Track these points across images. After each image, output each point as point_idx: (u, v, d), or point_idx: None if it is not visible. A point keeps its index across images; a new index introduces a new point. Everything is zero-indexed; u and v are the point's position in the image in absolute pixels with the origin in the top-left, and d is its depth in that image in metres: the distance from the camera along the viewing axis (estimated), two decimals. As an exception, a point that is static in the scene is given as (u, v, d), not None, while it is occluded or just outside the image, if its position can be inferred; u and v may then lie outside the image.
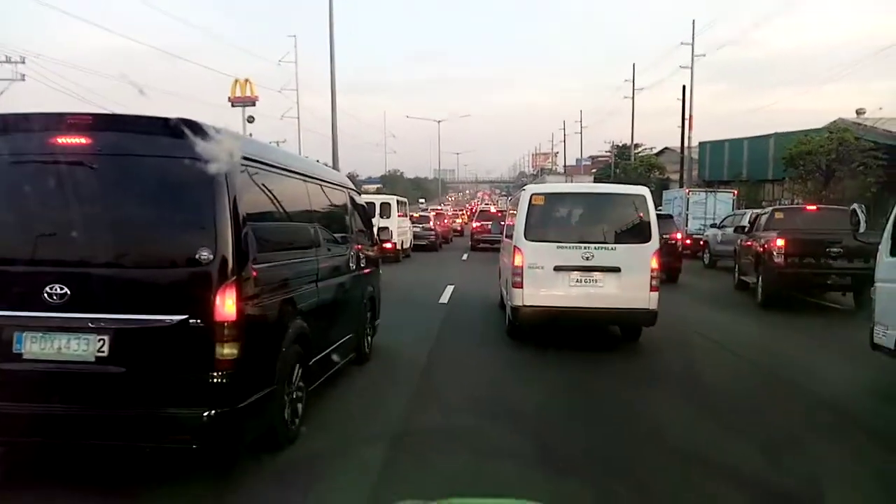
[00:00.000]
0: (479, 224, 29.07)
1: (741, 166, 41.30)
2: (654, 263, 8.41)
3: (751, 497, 4.35)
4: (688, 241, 22.37)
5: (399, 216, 22.35)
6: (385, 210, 21.27)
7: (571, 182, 30.62)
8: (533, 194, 8.82)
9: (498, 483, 4.19)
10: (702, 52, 44.26)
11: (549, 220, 8.75)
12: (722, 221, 22.87)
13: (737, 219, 20.99)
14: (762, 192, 39.37)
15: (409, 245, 24.08)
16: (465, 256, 24.68)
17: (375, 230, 9.39)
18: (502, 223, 13.12)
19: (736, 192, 32.10)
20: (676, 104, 40.86)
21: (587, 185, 12.87)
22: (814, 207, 12.42)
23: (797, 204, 31.53)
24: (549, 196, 9.05)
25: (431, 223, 28.26)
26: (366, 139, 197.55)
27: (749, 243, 13.97)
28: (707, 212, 28.81)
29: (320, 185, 6.39)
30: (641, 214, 8.59)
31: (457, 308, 11.91)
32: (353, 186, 8.26)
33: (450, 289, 13.70)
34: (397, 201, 22.14)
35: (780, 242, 12.02)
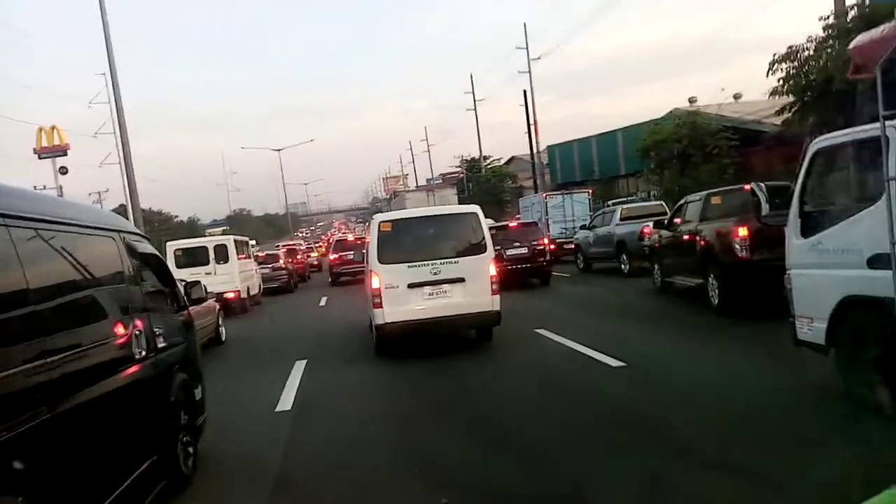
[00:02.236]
0: (336, 256, 25.86)
1: (592, 165, 41.25)
2: (493, 270, 9.52)
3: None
4: (552, 247, 21.07)
5: (241, 258, 18.98)
6: (220, 253, 17.84)
7: (434, 197, 28.62)
8: (381, 222, 9.67)
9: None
10: (536, 56, 43.92)
11: (397, 244, 9.45)
12: (591, 222, 21.85)
13: (606, 217, 20.16)
14: (616, 188, 39.33)
15: (257, 290, 20.68)
16: (323, 300, 19.58)
17: (184, 287, 6.52)
18: (363, 251, 13.64)
19: (591, 191, 31.91)
20: (516, 114, 40.79)
21: (426, 209, 13.39)
22: (748, 186, 10.48)
23: (648, 193, 31.65)
24: (395, 222, 9.77)
25: (281, 261, 24.82)
26: (208, 180, 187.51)
27: (687, 237, 11.63)
28: (566, 214, 28.52)
29: (56, 233, 3.59)
30: (476, 230, 9.66)
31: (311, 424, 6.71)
32: (134, 230, 5.29)
33: (297, 372, 8.79)
34: (235, 241, 18.78)
35: (744, 232, 9.69)
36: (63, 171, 50.18)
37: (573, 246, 21.84)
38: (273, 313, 18.36)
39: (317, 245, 59.48)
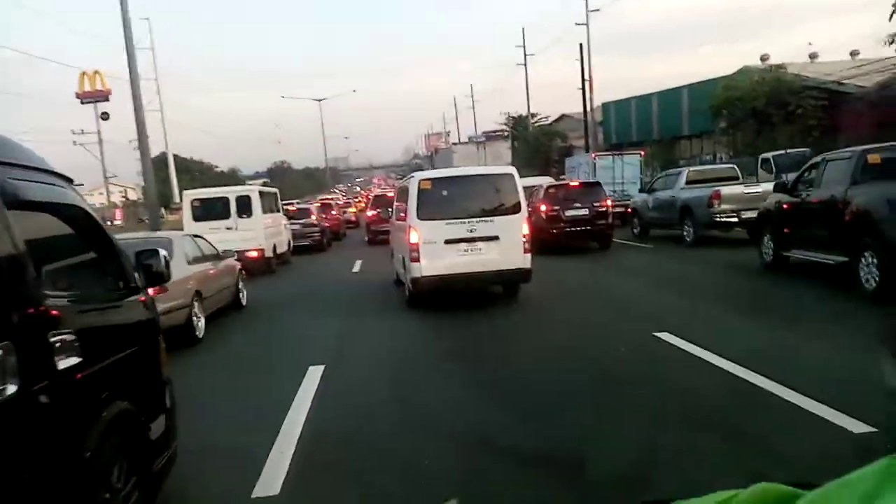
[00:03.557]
0: (375, 212, 23.74)
1: (651, 124, 38.32)
2: (525, 230, 9.88)
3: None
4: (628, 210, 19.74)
5: (270, 212, 17.00)
6: (243, 206, 15.74)
7: (485, 151, 26.42)
8: (421, 180, 10.08)
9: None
10: (595, 7, 40.51)
11: (436, 202, 9.83)
12: (651, 184, 19.87)
13: (670, 180, 18.22)
14: (678, 149, 36.44)
15: (286, 248, 18.56)
16: (357, 265, 16.80)
17: (136, 258, 4.33)
18: (390, 208, 14.99)
19: (643, 152, 29.62)
20: (566, 74, 37.87)
21: (465, 169, 13.71)
22: None
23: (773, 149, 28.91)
24: (434, 180, 10.27)
25: (314, 217, 22.57)
26: (252, 133, 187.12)
27: (825, 205, 9.40)
28: (615, 176, 26.27)
29: None
30: (511, 190, 9.98)
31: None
32: (36, 165, 3.12)
33: (314, 378, 6.32)
34: (261, 193, 16.69)
35: None
36: (105, 116, 49.23)
37: (628, 210, 19.93)
38: (296, 277, 16.08)
39: (355, 200, 57.68)
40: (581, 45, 39.14)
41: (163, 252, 4.20)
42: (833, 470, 0.67)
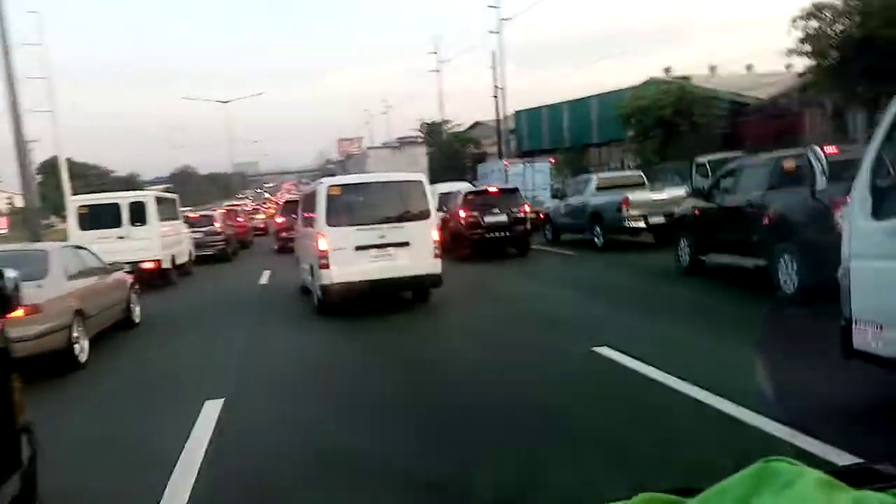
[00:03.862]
0: (284, 219, 22.18)
1: (562, 132, 38.84)
2: (435, 236, 10.00)
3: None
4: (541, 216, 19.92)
5: (168, 219, 15.82)
6: (136, 213, 14.49)
7: (402, 154, 25.97)
8: (330, 186, 10.02)
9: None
10: (507, 17, 40.73)
11: (345, 207, 9.80)
12: (562, 191, 20.08)
13: (580, 186, 18.44)
14: (587, 157, 37.08)
15: (186, 258, 17.34)
16: (264, 276, 15.63)
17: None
18: (294, 215, 15.27)
19: (553, 159, 30.32)
20: (478, 82, 38.03)
21: (375, 175, 13.44)
22: (833, 149, 8.02)
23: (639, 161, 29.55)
24: (344, 186, 10.21)
25: (218, 225, 21.21)
26: (153, 137, 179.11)
27: (743, 210, 9.38)
28: (526, 183, 26.52)
29: None
30: (421, 196, 10.08)
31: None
32: None
33: (210, 416, 5.41)
34: (157, 199, 15.46)
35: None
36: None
37: (540, 216, 20.08)
38: (198, 292, 14.68)
39: (264, 206, 55.93)
40: (494, 52, 39.40)
41: (10, 273, 3.42)
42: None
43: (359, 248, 9.55)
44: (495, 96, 38.94)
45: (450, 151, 49.89)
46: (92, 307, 8.28)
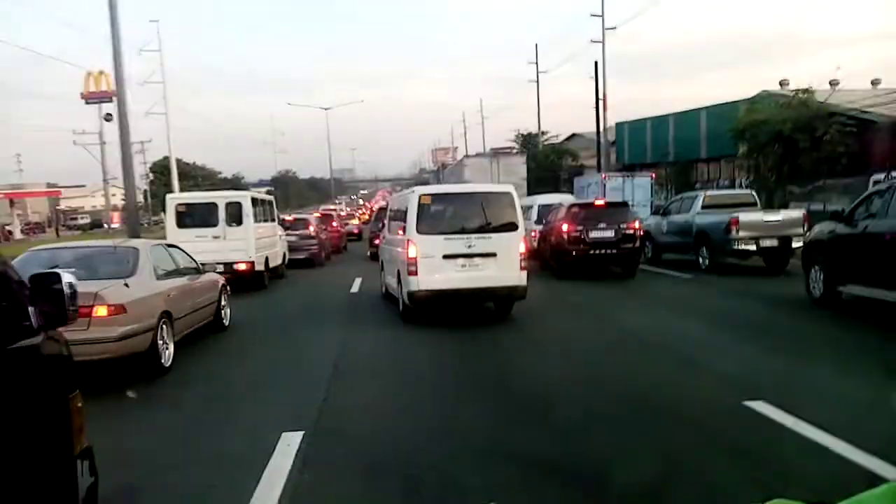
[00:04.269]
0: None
1: (667, 146, 37.12)
2: (522, 248, 10.02)
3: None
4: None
5: (263, 221, 15.76)
6: (232, 213, 14.37)
7: (499, 165, 25.37)
8: (421, 194, 10.14)
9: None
10: (612, 25, 39.40)
11: (435, 216, 10.01)
12: (667, 206, 18.89)
13: (685, 203, 17.37)
14: (694, 172, 35.24)
15: (280, 261, 17.22)
16: (356, 284, 15.15)
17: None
18: (381, 222, 15.48)
19: (654, 174, 29.18)
20: (576, 93, 37.02)
21: (466, 185, 14.14)
22: None
23: (746, 182, 27.75)
24: (434, 196, 10.47)
25: (312, 229, 21.01)
26: (256, 140, 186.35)
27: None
28: (625, 198, 25.18)
29: None
30: (509, 208, 10.11)
31: None
32: None
33: (286, 454, 4.62)
34: (253, 199, 15.08)
35: None
36: (108, 118, 48.31)
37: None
38: (289, 297, 14.21)
39: (359, 212, 56.54)
40: (596, 62, 38.09)
41: (68, 277, 2.93)
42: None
43: (447, 256, 9.66)
44: (596, 107, 37.79)
45: (546, 163, 48.86)
46: (181, 309, 8.02)
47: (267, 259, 15.29)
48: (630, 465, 4.34)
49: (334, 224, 27.51)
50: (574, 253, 15.06)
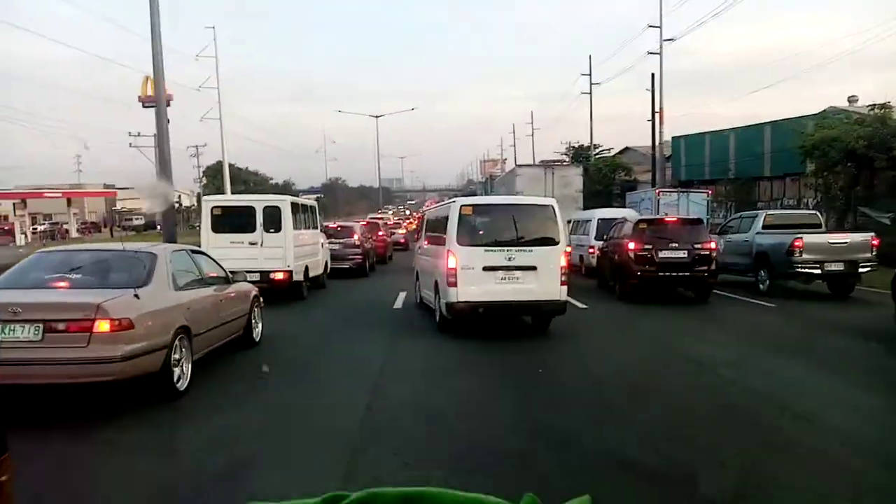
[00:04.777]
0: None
1: (727, 162, 35.51)
2: (563, 262, 9.82)
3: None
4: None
5: (305, 227, 15.05)
6: (271, 218, 13.50)
7: (553, 175, 24.35)
8: (462, 205, 10.10)
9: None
10: (670, 37, 37.95)
11: (476, 228, 9.94)
12: (725, 225, 18.14)
13: (745, 223, 16.51)
14: (757, 191, 33.57)
15: (321, 271, 16.44)
16: (399, 299, 14.32)
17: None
18: (418, 232, 15.05)
19: (711, 191, 28.25)
20: (628, 106, 35.78)
21: (507, 198, 13.55)
22: None
23: (813, 202, 26.19)
24: (476, 206, 10.37)
25: (357, 238, 20.06)
26: (307, 148, 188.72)
27: None
28: (680, 214, 23.93)
29: None
30: (551, 222, 9.94)
31: None
32: None
33: None
34: (293, 205, 14.26)
35: None
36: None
37: None
38: (328, 311, 13.25)
39: (406, 221, 56.00)
40: (653, 74, 36.89)
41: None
42: None
43: (486, 268, 9.58)
44: (652, 120, 36.49)
45: (598, 177, 47.57)
46: (202, 323, 7.22)
47: (307, 268, 14.57)
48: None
49: (380, 233, 26.83)
50: (640, 274, 13.71)
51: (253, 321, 9.24)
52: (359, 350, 9.22)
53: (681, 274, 13.68)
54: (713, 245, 14.05)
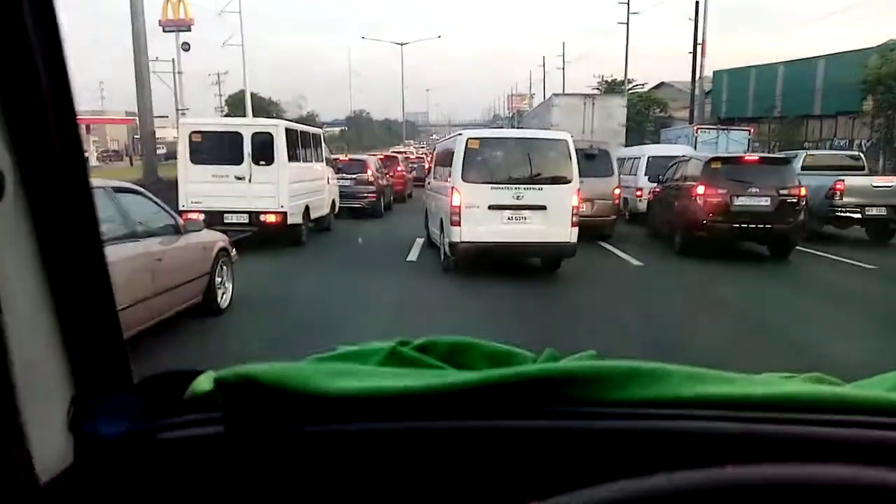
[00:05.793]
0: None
1: (773, 99, 33.09)
2: (575, 202, 9.30)
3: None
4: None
5: (304, 160, 12.99)
6: (260, 148, 11.35)
7: (593, 106, 22.30)
8: (469, 138, 9.51)
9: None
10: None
11: (483, 163, 9.40)
12: None
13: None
14: (805, 130, 31.26)
15: (326, 211, 14.43)
16: (415, 248, 11.99)
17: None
18: (426, 167, 15.85)
19: (753, 129, 26.23)
20: (663, 41, 32.94)
21: (517, 131, 13.32)
22: None
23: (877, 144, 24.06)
24: (483, 140, 9.71)
25: (370, 174, 17.94)
26: (332, 80, 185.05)
27: None
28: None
29: None
30: (564, 158, 9.39)
31: None
32: None
33: None
34: (288, 131, 11.87)
35: None
36: (185, 47, 47.20)
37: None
38: (326, 262, 11.24)
39: (429, 156, 54.30)
40: (697, 1, 34.19)
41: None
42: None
43: (492, 207, 9.18)
44: (694, 52, 33.97)
45: (631, 112, 45.20)
46: (129, 294, 5.10)
47: (307, 208, 12.62)
48: None
49: (399, 168, 24.99)
50: (710, 225, 11.30)
51: (216, 283, 7.10)
52: (351, 329, 6.19)
53: (760, 225, 11.28)
54: (803, 192, 11.53)
